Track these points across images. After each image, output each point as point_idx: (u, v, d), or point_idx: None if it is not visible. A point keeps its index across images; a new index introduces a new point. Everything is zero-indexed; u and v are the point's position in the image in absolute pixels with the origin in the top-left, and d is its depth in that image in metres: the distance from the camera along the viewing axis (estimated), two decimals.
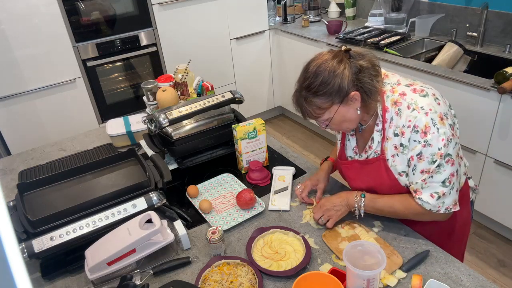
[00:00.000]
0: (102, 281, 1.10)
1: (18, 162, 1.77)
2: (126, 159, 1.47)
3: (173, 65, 3.00)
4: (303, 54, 3.22)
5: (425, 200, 1.08)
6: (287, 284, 1.07)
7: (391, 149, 1.11)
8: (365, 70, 1.05)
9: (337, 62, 1.04)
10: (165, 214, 1.29)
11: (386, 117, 1.11)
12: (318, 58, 1.08)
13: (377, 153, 1.16)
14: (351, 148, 1.26)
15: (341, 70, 1.03)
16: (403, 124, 1.06)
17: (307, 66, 1.09)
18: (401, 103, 1.07)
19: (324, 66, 1.05)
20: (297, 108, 1.14)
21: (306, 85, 1.07)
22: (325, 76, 1.03)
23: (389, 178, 1.15)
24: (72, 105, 2.76)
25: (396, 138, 1.09)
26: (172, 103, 1.71)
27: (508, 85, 1.90)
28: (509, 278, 2.09)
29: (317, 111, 1.08)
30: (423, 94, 1.07)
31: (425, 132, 1.03)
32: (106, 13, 2.67)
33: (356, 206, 1.19)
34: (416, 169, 1.08)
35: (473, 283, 1.02)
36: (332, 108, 1.07)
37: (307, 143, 3.50)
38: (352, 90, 1.04)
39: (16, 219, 1.16)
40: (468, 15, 2.56)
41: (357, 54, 1.07)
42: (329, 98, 1.05)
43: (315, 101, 1.06)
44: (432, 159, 1.04)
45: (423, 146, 1.04)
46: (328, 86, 1.03)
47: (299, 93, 1.10)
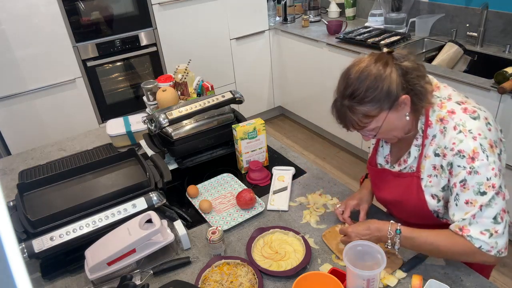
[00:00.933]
0: (102, 281, 1.10)
1: (18, 162, 1.77)
2: (126, 159, 1.47)
3: (173, 65, 3.00)
4: (303, 54, 3.22)
5: (475, 237, 0.95)
6: (287, 284, 1.07)
7: (428, 168, 1.04)
8: (412, 71, 0.97)
9: (382, 65, 0.96)
10: (165, 214, 1.29)
11: (427, 133, 1.02)
12: (359, 63, 0.99)
13: (412, 168, 1.09)
14: (383, 155, 1.19)
15: (388, 73, 0.95)
16: (445, 145, 0.98)
17: (348, 73, 0.99)
18: (447, 122, 0.98)
19: (368, 70, 0.96)
20: (339, 119, 1.03)
21: (349, 93, 0.97)
22: (371, 80, 0.94)
23: (418, 198, 1.07)
24: (72, 105, 2.76)
25: (437, 158, 1.01)
26: (172, 103, 1.71)
27: (508, 85, 1.90)
28: (509, 278, 2.09)
29: (363, 120, 0.98)
30: (474, 116, 0.97)
31: (473, 158, 0.93)
32: (106, 13, 2.67)
33: (389, 242, 1.04)
34: (459, 199, 0.97)
35: (473, 283, 1.02)
36: (380, 115, 0.97)
37: (307, 143, 3.50)
38: (402, 93, 0.96)
39: (16, 219, 1.16)
40: (468, 15, 2.56)
41: (401, 55, 0.99)
42: (377, 104, 0.95)
43: (361, 109, 0.96)
44: (479, 189, 0.94)
45: (469, 173, 0.94)
46: (376, 91, 0.94)
47: (341, 103, 1.00)
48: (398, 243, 1.03)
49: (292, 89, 3.60)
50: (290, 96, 3.68)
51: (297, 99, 3.59)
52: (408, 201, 1.10)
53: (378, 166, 1.21)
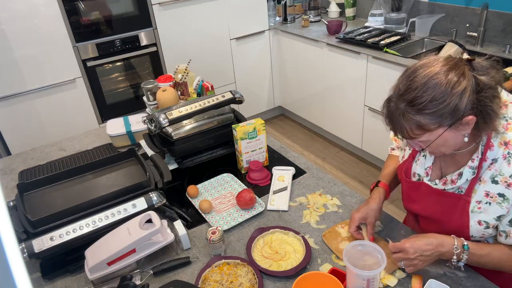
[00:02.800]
0: (102, 281, 1.10)
1: (18, 162, 1.77)
2: (126, 159, 1.47)
3: (173, 65, 3.00)
4: (303, 54, 3.23)
5: None
6: (287, 284, 1.07)
7: (480, 194, 0.95)
8: (488, 89, 0.84)
9: (456, 75, 0.83)
10: (165, 214, 1.29)
11: (486, 155, 0.93)
12: (430, 65, 0.86)
13: (460, 190, 0.99)
14: (423, 166, 1.07)
15: (462, 88, 0.82)
16: (511, 174, 0.89)
17: (413, 74, 0.87)
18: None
19: (439, 78, 0.83)
20: (388, 120, 0.92)
21: (410, 98, 0.85)
22: (440, 91, 0.82)
23: (460, 222, 0.99)
24: (72, 105, 2.76)
25: (494, 186, 0.92)
26: (172, 103, 1.71)
27: (508, 85, 1.90)
28: None
29: (416, 131, 0.87)
30: None
31: None
32: (106, 13, 2.67)
33: (454, 258, 0.97)
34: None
35: (473, 283, 1.02)
36: (437, 131, 0.86)
37: (307, 143, 3.51)
38: (469, 113, 0.84)
39: (16, 219, 1.16)
40: (468, 15, 2.56)
41: (481, 67, 0.87)
42: (437, 119, 0.84)
43: (417, 119, 0.85)
44: None
45: None
46: (441, 105, 0.83)
47: (396, 104, 0.88)
48: (465, 259, 0.97)
49: (292, 89, 3.60)
50: (290, 96, 3.68)
51: (297, 99, 3.59)
52: (448, 222, 1.02)
53: (415, 176, 1.10)
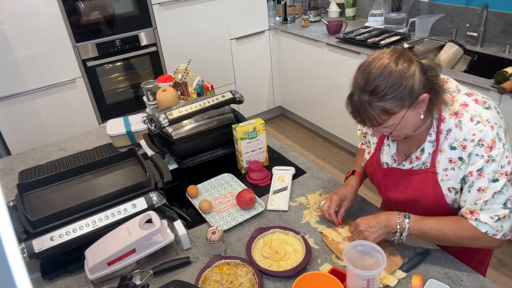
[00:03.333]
0: (102, 281, 1.10)
1: (18, 162, 1.77)
2: (126, 159, 1.47)
3: (173, 65, 3.00)
4: (303, 54, 3.22)
5: (483, 221, 0.99)
6: (287, 284, 1.07)
7: (444, 162, 1.03)
8: (431, 70, 0.96)
9: (405, 62, 0.93)
10: (165, 214, 1.29)
11: (441, 128, 1.02)
12: (380, 58, 0.96)
13: (425, 164, 1.08)
14: (389, 154, 1.17)
15: (413, 70, 0.93)
16: (464, 137, 0.98)
17: (368, 67, 0.96)
18: (462, 115, 0.99)
19: (391, 66, 0.93)
20: (355, 114, 1.00)
21: (371, 89, 0.93)
22: (395, 77, 0.92)
23: (434, 193, 1.07)
24: (72, 105, 2.76)
25: (454, 151, 1.01)
26: (172, 103, 1.71)
27: (508, 85, 1.90)
28: (509, 278, 2.09)
29: (382, 116, 0.95)
30: (486, 106, 0.99)
31: (491, 147, 0.95)
32: (106, 13, 2.67)
33: (398, 228, 1.06)
34: (473, 185, 1.00)
35: (473, 283, 1.02)
36: (400, 113, 0.95)
37: (307, 143, 3.51)
38: (422, 92, 0.94)
39: (16, 219, 1.16)
40: (468, 15, 2.56)
41: (421, 52, 0.98)
42: (399, 102, 0.93)
43: (382, 105, 0.94)
44: (494, 177, 0.96)
45: (486, 162, 0.96)
46: (399, 89, 0.92)
47: (359, 98, 0.96)
48: (407, 229, 1.05)
49: (292, 89, 3.60)
50: (290, 96, 3.68)
51: (297, 99, 3.59)
52: (424, 197, 1.09)
53: (384, 165, 1.19)
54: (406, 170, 1.12)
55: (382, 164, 1.19)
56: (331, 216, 1.21)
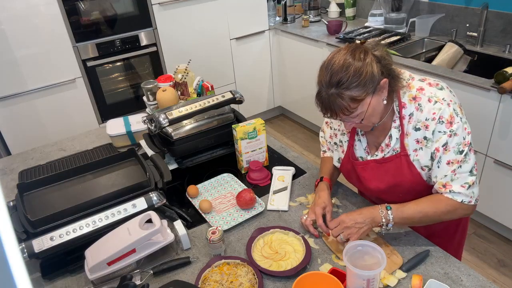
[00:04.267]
0: (102, 281, 1.10)
1: (18, 162, 1.77)
2: (126, 159, 1.47)
3: (173, 65, 3.00)
4: (303, 54, 3.22)
5: (457, 191, 1.06)
6: (287, 284, 1.07)
7: (412, 144, 1.11)
8: (383, 58, 1.05)
9: (361, 53, 1.02)
10: (165, 214, 1.29)
11: (403, 113, 1.10)
12: (338, 54, 1.04)
13: (396, 150, 1.14)
14: (362, 148, 1.23)
15: (369, 60, 1.02)
16: (426, 117, 1.06)
17: (330, 63, 1.04)
18: (420, 98, 1.08)
19: (349, 59, 1.01)
20: (325, 108, 1.06)
21: (336, 81, 1.01)
22: (356, 67, 1.00)
23: (411, 174, 1.13)
24: (72, 105, 2.76)
25: (418, 132, 1.09)
26: (172, 103, 1.71)
27: (508, 85, 1.90)
28: (509, 278, 2.09)
29: (352, 105, 1.02)
30: (439, 87, 1.08)
31: (451, 122, 1.04)
32: (106, 13, 2.67)
33: (383, 220, 1.10)
34: (441, 161, 1.07)
35: (473, 283, 1.02)
36: (366, 100, 1.03)
37: (307, 143, 3.51)
38: (382, 77, 1.03)
39: (16, 219, 1.16)
40: (468, 15, 2.56)
41: (372, 45, 1.07)
42: (364, 88, 1.01)
43: (349, 94, 1.01)
44: (459, 149, 1.05)
45: (449, 136, 1.04)
46: (361, 76, 1.00)
47: (327, 92, 1.03)
48: (391, 219, 1.10)
49: (292, 89, 3.60)
50: (290, 96, 3.68)
51: (297, 99, 3.59)
52: (403, 181, 1.15)
53: (360, 159, 1.24)
54: (380, 159, 1.18)
55: (357, 159, 1.25)
56: (321, 227, 1.20)
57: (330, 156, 1.40)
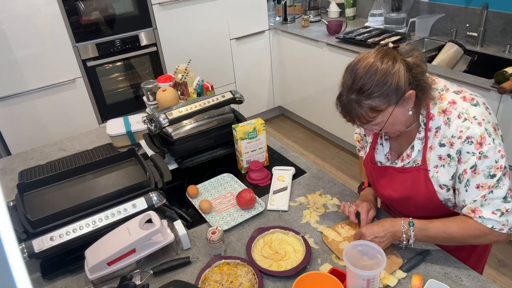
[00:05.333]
0: (102, 281, 1.10)
1: (18, 162, 1.77)
2: (126, 159, 1.47)
3: (173, 65, 3.00)
4: (303, 54, 3.22)
5: (487, 217, 0.99)
6: (287, 284, 1.07)
7: (434, 159, 1.05)
8: (416, 67, 0.99)
9: (390, 60, 0.97)
10: (165, 214, 1.29)
11: (430, 125, 1.05)
12: (366, 58, 0.99)
13: (416, 162, 1.10)
14: (383, 153, 1.19)
15: (397, 68, 0.96)
16: (452, 134, 1.00)
17: (355, 67, 0.99)
18: (450, 112, 1.01)
19: (377, 65, 0.96)
20: (344, 113, 1.03)
21: (358, 87, 0.97)
22: (381, 75, 0.95)
23: (427, 190, 1.08)
24: (72, 105, 2.76)
25: (443, 149, 1.03)
26: (172, 103, 1.71)
27: (508, 85, 1.90)
28: (509, 278, 2.09)
29: (370, 114, 0.98)
30: (474, 103, 1.01)
31: (481, 143, 0.97)
32: (106, 13, 2.67)
33: (404, 236, 1.07)
34: (469, 184, 1.00)
35: (473, 283, 1.02)
36: (387, 110, 0.98)
37: (307, 143, 3.51)
38: (408, 88, 0.97)
39: (16, 219, 1.16)
40: (468, 15, 2.56)
41: (406, 51, 1.01)
42: (386, 99, 0.96)
43: (369, 103, 0.97)
44: (489, 173, 0.97)
45: (478, 159, 0.97)
46: (385, 86, 0.95)
47: (347, 97, 0.99)
48: (412, 236, 1.06)
49: (292, 89, 3.60)
50: (290, 96, 3.68)
51: (297, 99, 3.59)
52: (417, 195, 1.11)
53: (378, 164, 1.21)
54: (399, 168, 1.14)
55: (376, 163, 1.22)
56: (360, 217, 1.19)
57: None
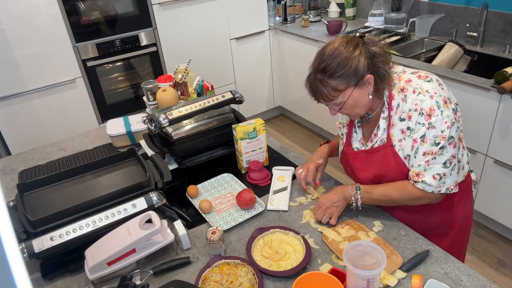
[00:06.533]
0: (102, 281, 1.10)
1: (18, 162, 1.77)
2: (126, 159, 1.47)
3: (173, 65, 3.00)
4: (303, 54, 3.22)
5: (428, 182, 1.11)
6: (287, 284, 1.07)
7: (397, 134, 1.14)
8: (378, 56, 1.09)
9: (352, 46, 1.08)
10: (165, 214, 1.29)
11: (392, 105, 1.14)
12: (333, 43, 1.11)
13: (383, 140, 1.19)
14: (357, 140, 1.28)
15: (357, 54, 1.07)
16: (409, 108, 1.10)
17: (323, 50, 1.11)
18: (407, 89, 1.11)
19: (340, 49, 1.08)
20: (310, 91, 1.15)
21: (322, 67, 1.09)
22: (342, 58, 1.06)
23: (396, 164, 1.17)
24: (72, 105, 2.76)
25: (403, 123, 1.12)
26: (172, 103, 1.71)
27: (508, 85, 1.90)
28: (509, 278, 2.09)
29: (332, 93, 1.10)
30: (427, 79, 1.11)
31: (430, 114, 1.07)
32: (106, 13, 2.67)
33: (353, 199, 1.22)
34: (418, 151, 1.11)
35: (473, 283, 1.02)
36: (347, 90, 1.09)
37: (307, 143, 3.50)
38: (367, 73, 1.08)
39: (16, 219, 1.16)
40: (468, 15, 2.56)
41: (371, 41, 1.11)
42: (345, 80, 1.07)
43: (331, 82, 1.08)
44: (435, 141, 1.08)
45: (427, 128, 1.07)
46: (345, 68, 1.06)
47: (314, 76, 1.12)
48: (360, 199, 1.21)
49: (292, 89, 3.60)
50: (290, 96, 3.68)
51: (297, 99, 3.59)
52: (389, 171, 1.19)
53: (355, 150, 1.29)
54: (369, 150, 1.23)
55: (353, 149, 1.30)
56: (310, 182, 1.35)
57: None
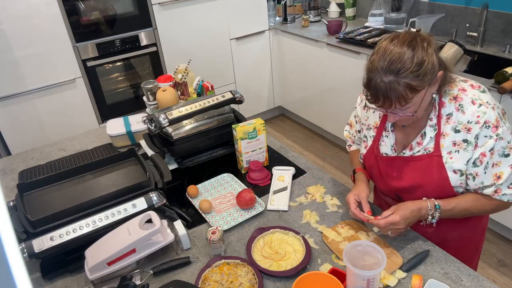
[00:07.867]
0: (102, 281, 1.10)
1: (18, 162, 1.77)
2: (126, 159, 1.47)
3: (173, 65, 3.00)
4: (303, 54, 3.23)
5: (508, 193, 1.08)
6: (287, 284, 1.07)
7: (448, 145, 1.08)
8: (438, 49, 1.01)
9: (425, 42, 0.98)
10: (165, 214, 1.29)
11: (441, 113, 1.08)
12: (396, 40, 0.99)
13: (427, 150, 1.11)
14: (389, 144, 1.20)
15: (432, 49, 0.98)
16: (468, 119, 1.04)
17: (386, 51, 0.98)
18: (462, 99, 1.05)
19: (413, 44, 0.96)
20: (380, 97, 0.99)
21: (396, 68, 0.95)
22: (419, 54, 0.95)
23: (439, 176, 1.10)
24: (72, 105, 2.76)
25: (458, 134, 1.06)
26: (172, 103, 1.71)
27: (508, 85, 1.90)
28: (509, 278, 2.09)
29: (410, 94, 0.96)
30: (481, 90, 1.06)
31: (497, 126, 1.02)
32: (106, 13, 2.67)
33: (429, 218, 1.12)
34: (488, 166, 1.06)
35: (473, 283, 1.02)
36: (422, 90, 0.98)
37: (307, 143, 3.51)
38: (439, 69, 0.99)
39: (16, 219, 1.16)
40: (468, 15, 2.56)
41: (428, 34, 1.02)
42: (424, 78, 0.96)
43: (409, 82, 0.95)
44: (504, 152, 1.04)
45: (495, 140, 1.03)
46: (423, 66, 0.95)
47: (383, 79, 0.97)
48: (437, 216, 1.11)
49: (292, 89, 3.60)
50: (290, 96, 3.68)
51: (297, 99, 3.59)
52: (428, 183, 1.12)
53: (383, 155, 1.21)
54: (408, 157, 1.15)
55: (382, 154, 1.22)
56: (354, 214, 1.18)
57: (357, 148, 1.42)
